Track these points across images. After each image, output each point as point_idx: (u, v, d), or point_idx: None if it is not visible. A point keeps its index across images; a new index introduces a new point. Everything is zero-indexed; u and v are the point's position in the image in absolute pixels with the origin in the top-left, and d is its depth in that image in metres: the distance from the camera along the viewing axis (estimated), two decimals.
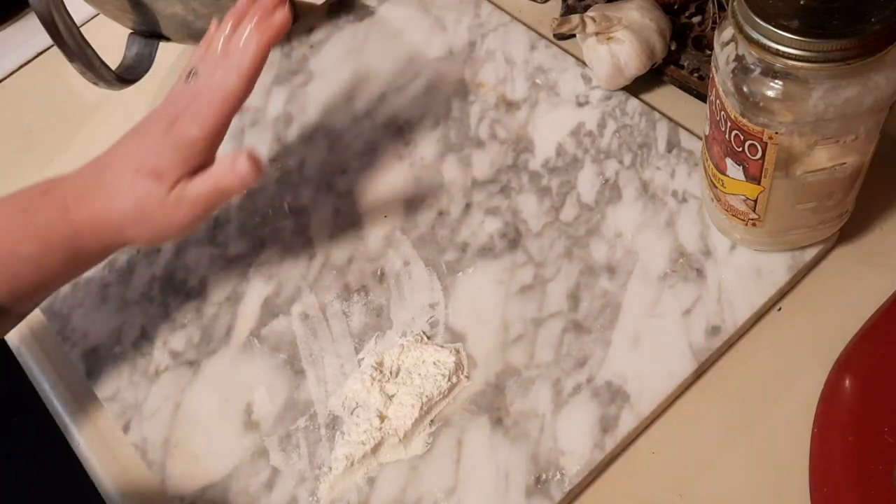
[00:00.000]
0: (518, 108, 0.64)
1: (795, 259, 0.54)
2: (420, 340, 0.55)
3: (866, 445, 0.46)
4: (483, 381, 0.53)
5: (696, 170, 0.58)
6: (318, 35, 0.72)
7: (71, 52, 0.60)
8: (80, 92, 0.76)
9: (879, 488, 0.45)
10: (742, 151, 0.47)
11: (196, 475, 0.53)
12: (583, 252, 0.56)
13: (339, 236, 0.61)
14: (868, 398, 0.48)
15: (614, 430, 0.50)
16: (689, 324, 0.52)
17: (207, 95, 0.51)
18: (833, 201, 0.50)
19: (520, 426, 0.51)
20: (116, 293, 0.61)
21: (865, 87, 0.42)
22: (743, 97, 0.44)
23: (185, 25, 0.67)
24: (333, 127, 0.67)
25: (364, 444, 0.51)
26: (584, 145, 0.61)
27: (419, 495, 0.50)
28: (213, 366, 0.57)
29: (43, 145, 0.74)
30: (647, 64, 0.61)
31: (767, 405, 0.50)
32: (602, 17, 0.60)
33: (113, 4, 0.65)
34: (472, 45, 0.69)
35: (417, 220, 0.60)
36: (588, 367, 0.52)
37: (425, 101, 0.66)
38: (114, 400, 0.57)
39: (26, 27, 0.82)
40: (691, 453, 0.50)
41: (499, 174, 0.61)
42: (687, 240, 0.56)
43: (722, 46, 0.45)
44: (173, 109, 0.51)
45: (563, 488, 0.49)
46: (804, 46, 0.41)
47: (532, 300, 0.55)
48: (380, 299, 0.57)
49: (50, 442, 0.61)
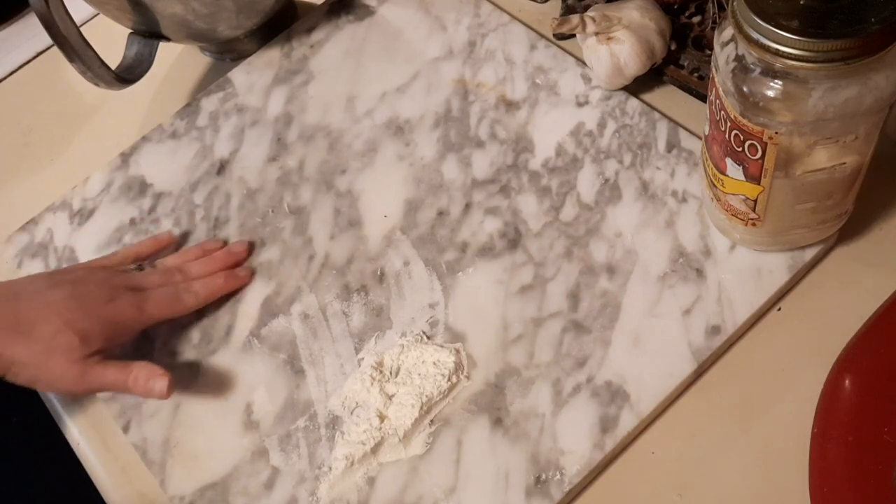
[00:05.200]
0: (518, 107, 0.64)
1: (795, 259, 0.54)
2: (420, 340, 0.55)
3: (866, 445, 0.46)
4: (483, 381, 0.53)
5: (695, 170, 0.58)
6: (318, 35, 0.72)
7: (71, 52, 0.60)
8: (80, 92, 0.76)
9: (879, 488, 0.45)
10: (742, 151, 0.47)
11: (196, 475, 0.53)
12: (583, 252, 0.56)
13: (339, 236, 0.61)
14: (868, 398, 0.48)
15: (614, 430, 0.50)
16: (689, 324, 0.52)
17: (160, 299, 0.56)
18: (833, 201, 0.50)
19: (520, 426, 0.51)
20: None
21: (865, 86, 0.42)
22: (743, 97, 0.44)
23: (185, 25, 0.67)
24: (333, 127, 0.67)
25: (364, 444, 0.51)
26: (584, 145, 0.61)
27: (419, 495, 0.50)
28: (213, 366, 0.57)
29: (43, 145, 0.74)
30: (647, 64, 0.61)
31: (767, 405, 0.50)
32: (602, 17, 0.60)
33: (113, 4, 0.65)
34: (472, 45, 0.69)
35: (417, 220, 0.60)
36: (588, 366, 0.52)
37: (425, 101, 0.66)
38: (114, 400, 0.57)
39: (26, 27, 0.82)
40: (691, 453, 0.50)
41: (499, 174, 0.61)
42: (687, 240, 0.56)
43: (722, 46, 0.45)
44: (114, 283, 0.55)
45: (562, 488, 0.49)
46: (804, 46, 0.41)
47: (532, 300, 0.55)
48: (380, 299, 0.57)
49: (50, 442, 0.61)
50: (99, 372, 0.52)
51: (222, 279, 0.59)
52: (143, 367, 0.53)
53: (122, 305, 0.54)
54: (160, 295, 0.56)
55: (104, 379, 0.53)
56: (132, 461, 0.55)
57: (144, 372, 0.53)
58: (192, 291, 0.57)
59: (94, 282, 0.55)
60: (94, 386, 0.53)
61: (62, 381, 0.52)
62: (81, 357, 0.52)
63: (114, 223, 0.65)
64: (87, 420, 0.58)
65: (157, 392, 0.53)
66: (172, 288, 0.57)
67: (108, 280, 0.55)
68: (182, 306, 0.57)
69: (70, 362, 0.51)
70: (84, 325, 0.52)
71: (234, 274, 0.59)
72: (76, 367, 0.52)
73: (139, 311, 0.54)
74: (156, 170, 0.67)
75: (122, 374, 0.53)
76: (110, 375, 0.53)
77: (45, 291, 0.53)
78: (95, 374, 0.52)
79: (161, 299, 0.56)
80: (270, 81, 0.70)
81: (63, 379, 0.52)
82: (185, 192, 0.65)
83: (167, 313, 0.56)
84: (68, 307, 0.52)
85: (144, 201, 0.65)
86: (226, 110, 0.69)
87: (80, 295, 0.53)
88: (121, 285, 0.55)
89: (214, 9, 0.66)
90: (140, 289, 0.56)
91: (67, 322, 0.52)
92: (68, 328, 0.51)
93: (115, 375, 0.53)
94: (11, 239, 0.66)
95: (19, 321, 0.51)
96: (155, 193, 0.66)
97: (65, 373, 0.52)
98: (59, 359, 0.51)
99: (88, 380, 0.52)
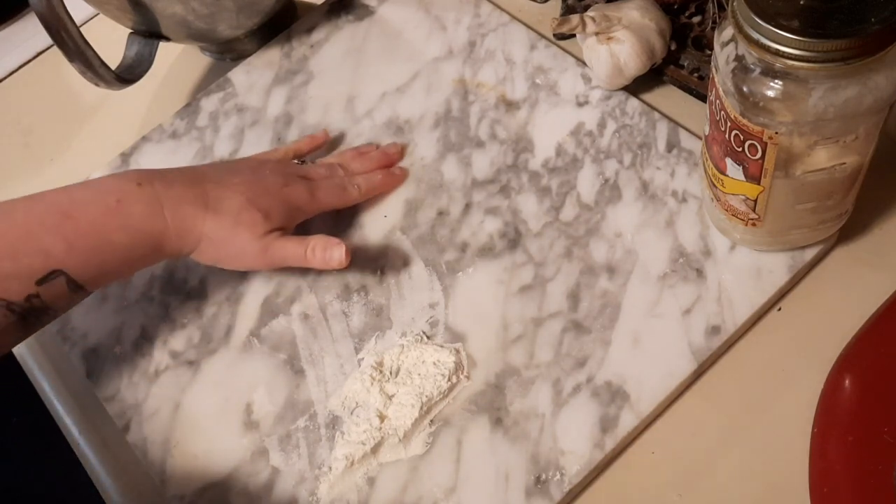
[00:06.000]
0: (518, 107, 0.64)
1: (795, 259, 0.54)
2: (420, 340, 0.55)
3: (866, 445, 0.46)
4: (483, 381, 0.53)
5: (695, 170, 0.58)
6: (318, 35, 0.72)
7: (71, 52, 0.60)
8: (80, 92, 0.76)
9: (879, 488, 0.45)
10: (742, 151, 0.47)
11: (196, 475, 0.53)
12: (583, 252, 0.56)
13: (339, 236, 0.61)
14: (868, 398, 0.48)
15: (614, 430, 0.50)
16: (689, 324, 0.52)
17: (329, 188, 0.59)
18: (833, 201, 0.50)
19: (520, 426, 0.51)
20: (116, 293, 0.61)
21: (865, 87, 0.42)
22: (743, 97, 0.44)
23: (185, 25, 0.67)
24: (333, 127, 0.67)
25: (364, 444, 0.51)
26: (584, 145, 0.61)
27: (419, 495, 0.50)
28: (213, 366, 0.57)
29: (43, 145, 0.74)
30: (647, 64, 0.61)
31: (767, 405, 0.50)
32: (602, 17, 0.60)
33: (113, 4, 0.65)
34: (472, 45, 0.69)
35: (417, 220, 0.60)
36: (588, 366, 0.52)
37: (425, 101, 0.66)
38: (114, 400, 0.57)
39: (26, 27, 0.82)
40: (691, 453, 0.50)
41: (499, 174, 0.61)
42: (687, 240, 0.56)
43: (722, 46, 0.45)
44: (287, 171, 0.59)
45: (562, 488, 0.49)
46: (804, 46, 0.41)
47: (532, 300, 0.55)
48: (380, 299, 0.57)
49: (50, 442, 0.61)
50: (280, 246, 0.55)
51: (381, 175, 0.61)
52: (319, 238, 0.56)
53: (297, 190, 0.57)
54: (328, 184, 0.59)
55: (285, 252, 0.56)
56: (132, 461, 0.55)
57: (322, 242, 0.56)
58: (356, 184, 0.60)
59: (269, 168, 0.58)
60: (276, 259, 0.56)
61: (246, 255, 0.55)
62: (264, 232, 0.55)
63: None
64: (87, 420, 0.58)
65: (335, 261, 0.55)
66: (338, 180, 0.60)
67: (282, 168, 0.59)
68: (348, 196, 0.60)
69: (254, 237, 0.54)
70: (266, 203, 0.55)
71: (391, 172, 0.62)
72: (260, 242, 0.55)
73: (312, 196, 0.58)
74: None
75: (300, 246, 0.56)
76: (290, 249, 0.56)
77: (227, 175, 0.56)
78: (276, 248, 0.55)
79: (330, 188, 0.59)
80: (270, 81, 0.70)
81: (246, 252, 0.55)
82: None
83: (336, 202, 0.59)
84: (250, 188, 0.55)
85: None
86: (226, 110, 0.69)
87: (258, 179, 0.57)
88: (293, 173, 0.59)
89: (214, 9, 0.66)
90: (309, 179, 0.59)
91: (250, 199, 0.55)
92: (251, 205, 0.54)
93: (295, 249, 0.56)
94: None
95: (208, 199, 0.54)
96: None
97: (249, 245, 0.55)
98: (244, 233, 0.54)
99: (270, 253, 0.55)
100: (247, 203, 0.54)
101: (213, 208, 0.54)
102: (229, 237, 0.54)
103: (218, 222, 0.54)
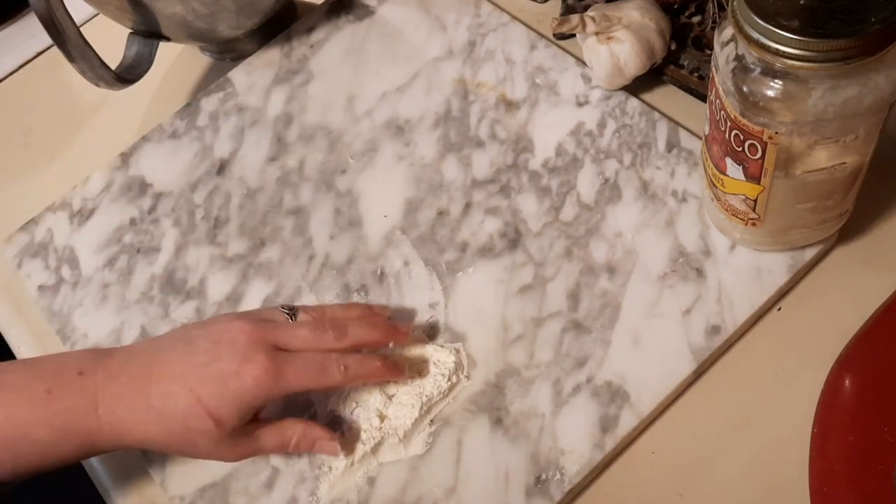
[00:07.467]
0: (518, 107, 0.64)
1: (795, 259, 0.54)
2: (420, 340, 0.55)
3: (866, 445, 0.46)
4: (483, 381, 0.53)
5: (695, 170, 0.58)
6: (318, 35, 0.72)
7: (71, 52, 0.60)
8: (80, 92, 0.76)
9: (879, 488, 0.45)
10: (742, 151, 0.47)
11: (196, 475, 0.53)
12: (583, 252, 0.56)
13: (339, 236, 0.61)
14: (868, 398, 0.48)
15: (614, 430, 0.50)
16: (688, 323, 0.52)
17: (301, 369, 0.48)
18: (833, 201, 0.50)
19: (520, 426, 0.51)
20: (116, 293, 0.61)
21: (865, 87, 0.42)
22: (743, 97, 0.44)
23: (185, 25, 0.67)
24: (333, 127, 0.67)
25: (364, 443, 0.51)
26: (584, 145, 0.61)
27: (419, 495, 0.50)
28: None
29: (43, 145, 0.74)
30: (647, 64, 0.61)
31: (767, 405, 0.50)
32: (602, 17, 0.60)
33: (113, 4, 0.65)
34: (472, 45, 0.69)
35: (417, 219, 0.60)
36: (588, 366, 0.52)
37: (425, 101, 0.66)
38: None
39: (26, 27, 0.82)
40: (691, 453, 0.50)
41: (499, 174, 0.61)
42: (687, 240, 0.56)
43: (722, 46, 0.45)
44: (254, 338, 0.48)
45: (562, 488, 0.49)
46: (804, 46, 0.41)
47: (532, 300, 0.55)
48: (380, 299, 0.57)
49: None
50: (250, 444, 0.49)
51: (380, 363, 0.51)
52: (297, 430, 0.49)
53: (256, 372, 0.47)
54: (304, 362, 0.48)
55: (261, 448, 0.49)
56: (132, 461, 0.55)
57: (306, 441, 0.50)
58: (343, 365, 0.49)
59: (232, 336, 0.48)
60: (251, 455, 0.50)
61: (213, 456, 0.49)
62: (220, 438, 0.47)
63: (114, 223, 0.65)
64: None
65: (329, 454, 0.51)
66: (319, 357, 0.49)
67: (247, 335, 0.48)
68: (326, 379, 0.49)
69: (212, 443, 0.47)
70: (215, 404, 0.46)
71: (396, 364, 0.52)
72: (221, 447, 0.48)
73: (276, 378, 0.47)
74: (156, 170, 0.67)
75: (278, 439, 0.49)
76: (268, 444, 0.49)
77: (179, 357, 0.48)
78: (247, 446, 0.49)
79: (304, 366, 0.48)
80: (270, 81, 0.70)
81: (212, 457, 0.49)
82: (185, 192, 0.65)
83: (309, 383, 0.48)
84: (200, 377, 0.47)
85: (144, 201, 0.65)
86: (226, 110, 0.69)
87: (213, 360, 0.47)
88: (260, 340, 0.48)
89: (214, 9, 0.66)
90: (280, 348, 0.48)
91: (199, 399, 0.46)
92: (200, 406, 0.46)
93: (272, 443, 0.49)
94: (11, 239, 0.66)
95: (150, 396, 0.47)
96: (155, 193, 0.66)
97: (211, 452, 0.48)
98: (200, 441, 0.47)
99: (241, 451, 0.49)
100: (195, 404, 0.46)
101: (157, 409, 0.46)
102: (184, 447, 0.48)
103: (165, 428, 0.47)
